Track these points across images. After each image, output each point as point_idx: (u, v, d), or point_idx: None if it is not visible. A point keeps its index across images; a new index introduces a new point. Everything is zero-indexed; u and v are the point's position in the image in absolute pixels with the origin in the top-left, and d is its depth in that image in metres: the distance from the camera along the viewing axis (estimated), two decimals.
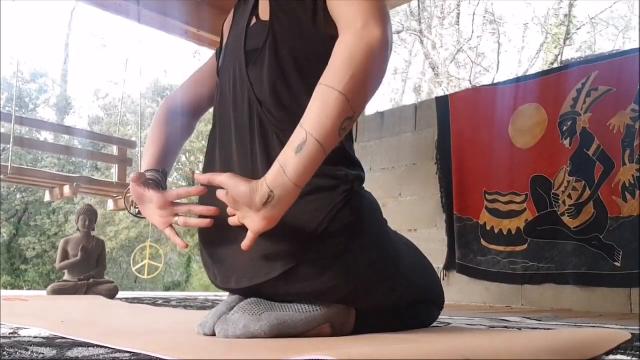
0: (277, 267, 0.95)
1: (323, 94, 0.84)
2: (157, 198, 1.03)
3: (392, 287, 1.08)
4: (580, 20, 11.60)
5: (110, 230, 12.63)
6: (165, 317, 1.50)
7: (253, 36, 1.05)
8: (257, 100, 1.00)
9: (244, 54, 1.04)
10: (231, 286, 1.01)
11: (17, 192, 13.19)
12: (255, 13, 1.07)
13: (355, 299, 1.05)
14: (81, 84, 25.93)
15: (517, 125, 3.04)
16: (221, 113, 1.09)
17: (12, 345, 0.77)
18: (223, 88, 1.10)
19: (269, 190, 0.84)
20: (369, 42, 0.84)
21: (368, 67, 0.84)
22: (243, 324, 0.91)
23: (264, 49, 1.02)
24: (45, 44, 23.60)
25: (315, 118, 0.83)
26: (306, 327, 0.95)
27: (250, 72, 1.02)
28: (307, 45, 1.01)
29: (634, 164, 2.59)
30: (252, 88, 1.01)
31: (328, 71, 0.85)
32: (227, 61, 1.10)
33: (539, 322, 1.63)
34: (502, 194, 3.04)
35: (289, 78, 1.01)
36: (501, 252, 2.99)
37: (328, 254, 0.97)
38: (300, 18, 1.01)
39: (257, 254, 0.96)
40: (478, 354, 0.60)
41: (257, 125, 1.00)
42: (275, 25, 1.02)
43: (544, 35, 12.12)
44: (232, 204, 0.90)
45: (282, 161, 0.85)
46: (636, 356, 0.72)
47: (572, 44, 11.67)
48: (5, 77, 12.59)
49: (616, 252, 2.58)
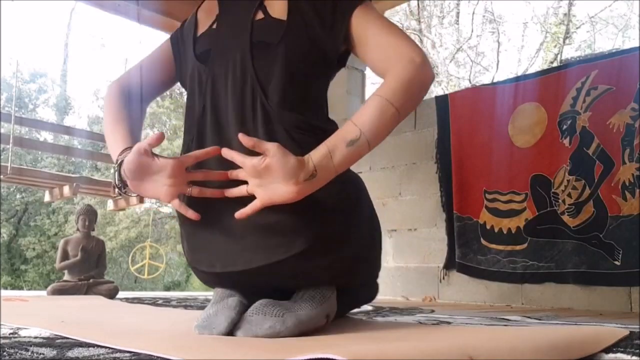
0: (296, 244, 0.96)
1: (383, 106, 0.97)
2: (172, 164, 0.97)
3: (375, 263, 1.19)
4: (579, 19, 11.60)
5: (110, 230, 12.63)
6: (166, 317, 1.50)
7: (261, 30, 1.08)
8: (262, 91, 1.03)
9: (249, 46, 1.07)
10: (237, 268, 1.00)
11: (16, 192, 13.19)
12: (262, 8, 1.11)
13: (352, 276, 1.12)
14: (81, 84, 25.92)
15: (517, 124, 3.04)
16: (214, 100, 1.08)
17: (12, 346, 0.77)
18: (216, 75, 1.09)
19: (313, 169, 0.93)
20: (424, 78, 1.02)
21: (419, 96, 1.02)
22: (269, 326, 0.92)
23: (278, 46, 1.06)
24: (45, 44, 23.60)
25: (372, 123, 0.96)
26: (316, 322, 0.99)
27: (256, 64, 1.05)
28: (318, 51, 1.10)
29: (633, 163, 2.59)
30: (257, 79, 1.04)
31: (388, 88, 0.99)
32: (221, 49, 1.11)
33: (539, 321, 1.63)
34: (501, 193, 3.04)
35: (298, 77, 1.07)
36: (501, 251, 2.99)
37: (338, 228, 1.02)
38: (316, 26, 1.08)
39: (271, 231, 0.97)
40: (480, 352, 0.60)
41: (261, 116, 1.03)
42: (292, 25, 1.07)
43: (544, 34, 12.12)
44: (257, 172, 0.92)
45: (331, 147, 0.95)
46: (636, 354, 0.72)
47: (572, 42, 11.67)
48: (4, 77, 12.59)
49: (616, 251, 2.58)
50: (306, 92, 1.09)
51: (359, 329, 1.07)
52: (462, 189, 3.19)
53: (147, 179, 0.99)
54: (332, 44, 1.10)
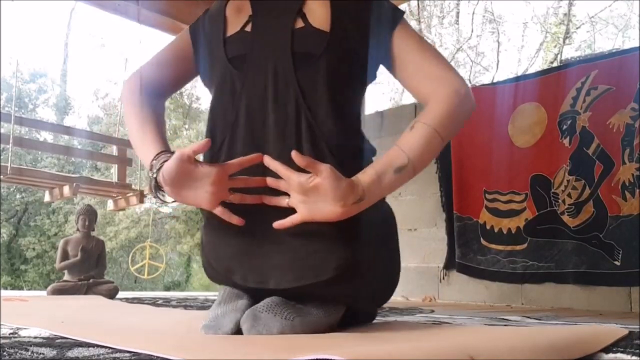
0: (328, 269, 0.96)
1: (429, 135, 0.99)
2: (216, 172, 0.94)
3: (390, 294, 1.18)
4: (579, 19, 11.60)
5: (110, 230, 12.63)
6: (166, 317, 1.50)
7: (302, 40, 1.05)
8: (306, 106, 1.01)
9: (291, 57, 1.03)
10: (268, 286, 0.98)
11: (16, 192, 13.19)
12: (301, 15, 1.07)
13: (371, 301, 1.13)
14: (80, 83, 25.91)
15: (517, 124, 3.04)
16: (250, 109, 1.03)
17: (12, 345, 0.77)
18: (252, 83, 1.04)
19: (363, 193, 0.93)
20: (468, 109, 1.05)
21: (461, 125, 1.05)
22: (277, 328, 0.91)
23: (321, 58, 1.03)
24: (45, 43, 23.61)
25: (419, 150, 0.98)
26: (322, 331, 0.98)
27: (299, 76, 1.02)
28: (358, 65, 1.09)
29: (633, 163, 2.59)
30: (300, 93, 1.01)
31: (435, 117, 1.00)
32: (258, 57, 1.06)
33: (539, 321, 1.63)
34: (501, 193, 3.04)
35: (340, 92, 1.05)
36: (501, 251, 2.99)
37: (368, 256, 1.01)
38: (358, 40, 1.07)
39: (304, 252, 0.96)
40: (481, 352, 0.60)
41: (305, 131, 1.00)
42: (335, 37, 1.05)
43: (544, 34, 12.11)
44: (303, 190, 0.91)
45: (380, 172, 0.96)
46: (636, 354, 0.72)
47: (572, 42, 11.67)
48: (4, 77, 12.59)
49: (616, 251, 2.58)
50: (347, 107, 1.07)
51: (359, 329, 1.07)
52: (462, 189, 3.19)
53: (187, 186, 0.96)
54: (375, 58, 1.09)
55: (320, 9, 1.07)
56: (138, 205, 4.29)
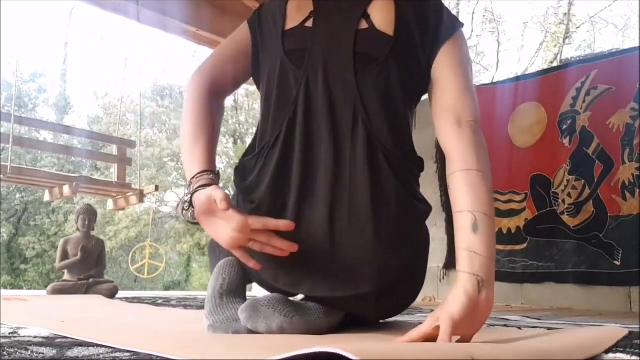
0: (367, 283, 0.96)
1: (469, 177, 0.92)
2: (239, 221, 0.92)
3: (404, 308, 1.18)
4: (579, 19, 11.60)
5: (110, 230, 12.63)
6: (166, 317, 1.50)
7: (366, 41, 1.02)
8: (364, 109, 0.99)
9: (352, 58, 1.00)
10: (300, 292, 0.99)
11: (16, 192, 13.19)
12: (365, 17, 1.04)
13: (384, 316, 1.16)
14: (80, 83, 25.84)
15: (517, 124, 3.04)
16: (307, 106, 1.00)
17: (12, 345, 0.77)
18: (311, 80, 1.01)
19: (474, 278, 0.84)
20: (482, 137, 0.99)
21: (487, 153, 0.98)
22: (277, 325, 0.91)
23: (384, 62, 1.01)
24: (45, 43, 23.59)
25: (471, 198, 0.90)
26: (320, 331, 0.98)
27: (358, 78, 1.00)
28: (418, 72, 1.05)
29: (633, 163, 2.59)
30: (359, 96, 0.99)
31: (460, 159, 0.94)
32: (318, 53, 1.02)
33: (539, 321, 1.63)
34: (501, 193, 3.04)
35: (399, 99, 1.03)
36: (501, 250, 2.99)
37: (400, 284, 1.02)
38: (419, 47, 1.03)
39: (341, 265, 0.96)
40: (482, 353, 0.60)
41: (362, 136, 0.98)
42: (399, 42, 1.02)
43: (544, 34, 12.12)
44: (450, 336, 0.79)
45: (466, 247, 0.88)
46: (636, 354, 0.72)
47: (572, 42, 11.67)
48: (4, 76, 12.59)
49: (616, 251, 2.58)
50: (404, 116, 1.04)
51: (359, 329, 1.07)
52: None
53: (213, 221, 0.95)
54: (427, 66, 1.04)
55: (385, 12, 1.04)
56: (138, 204, 4.30)
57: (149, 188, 4.32)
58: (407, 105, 1.06)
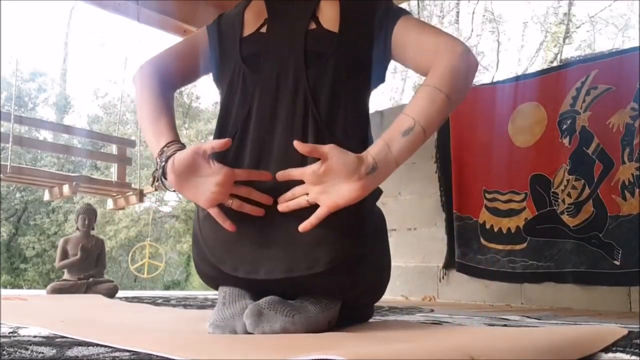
0: (321, 261, 0.97)
1: (431, 93, 0.99)
2: (223, 173, 0.96)
3: (383, 291, 1.20)
4: (579, 19, 11.60)
5: (110, 229, 12.63)
6: (165, 316, 1.50)
7: (314, 40, 1.10)
8: (314, 102, 1.05)
9: (303, 56, 1.08)
10: (259, 277, 0.99)
11: (16, 191, 13.19)
12: (315, 19, 1.13)
13: (361, 296, 1.14)
14: (80, 82, 25.88)
15: (517, 124, 3.04)
16: (261, 106, 1.08)
17: (11, 345, 0.77)
18: (264, 80, 1.09)
19: (373, 162, 0.94)
20: (468, 63, 1.04)
21: (465, 81, 1.03)
22: (280, 325, 0.93)
23: (330, 56, 1.08)
24: (45, 42, 23.58)
25: (423, 110, 0.98)
26: (321, 326, 0.99)
27: (308, 74, 1.07)
28: (366, 64, 1.13)
29: (633, 163, 2.59)
30: (309, 89, 1.06)
31: (434, 77, 1.01)
32: (272, 56, 1.11)
33: (539, 321, 1.63)
34: (501, 193, 3.04)
35: (347, 89, 1.09)
36: (500, 250, 2.99)
37: (364, 251, 1.03)
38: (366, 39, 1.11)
39: (297, 244, 0.97)
40: (481, 352, 0.60)
41: (312, 127, 1.04)
42: (344, 37, 1.10)
43: (544, 34, 12.12)
44: (317, 178, 0.93)
45: (387, 140, 0.96)
46: (635, 353, 0.72)
47: (572, 42, 11.67)
48: (4, 76, 12.58)
49: (615, 251, 2.58)
50: (354, 105, 1.11)
51: (359, 329, 1.07)
52: (461, 189, 3.19)
53: (192, 180, 0.98)
54: (380, 56, 1.12)
55: (331, 11, 1.13)
56: (138, 204, 4.30)
57: (148, 187, 4.32)
58: (358, 92, 1.13)
